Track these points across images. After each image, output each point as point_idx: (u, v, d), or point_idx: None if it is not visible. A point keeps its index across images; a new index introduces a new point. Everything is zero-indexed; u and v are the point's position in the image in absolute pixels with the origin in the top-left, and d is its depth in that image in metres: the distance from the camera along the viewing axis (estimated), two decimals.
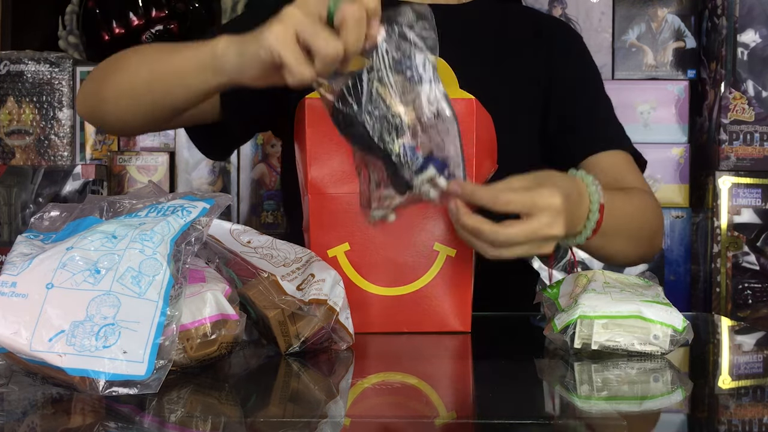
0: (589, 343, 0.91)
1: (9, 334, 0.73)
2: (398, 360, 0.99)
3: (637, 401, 0.80)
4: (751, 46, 1.79)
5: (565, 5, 1.91)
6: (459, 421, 0.72)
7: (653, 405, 0.79)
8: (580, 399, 0.80)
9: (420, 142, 0.91)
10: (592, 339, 0.91)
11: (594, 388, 0.84)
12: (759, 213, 1.79)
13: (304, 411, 0.74)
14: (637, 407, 0.78)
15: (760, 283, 1.80)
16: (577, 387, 0.85)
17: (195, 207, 0.81)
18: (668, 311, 0.92)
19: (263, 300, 0.88)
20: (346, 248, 1.04)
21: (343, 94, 0.89)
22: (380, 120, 0.89)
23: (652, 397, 0.82)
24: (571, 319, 0.92)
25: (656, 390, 0.85)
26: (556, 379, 0.88)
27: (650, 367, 0.89)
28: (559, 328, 0.93)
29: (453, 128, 0.91)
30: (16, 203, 1.77)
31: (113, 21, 1.94)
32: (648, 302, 0.93)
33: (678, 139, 1.88)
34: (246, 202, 1.91)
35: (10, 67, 1.88)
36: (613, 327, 0.92)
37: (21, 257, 0.77)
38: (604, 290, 0.95)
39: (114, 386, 0.71)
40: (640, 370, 0.89)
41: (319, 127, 1.04)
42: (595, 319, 0.91)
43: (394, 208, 0.95)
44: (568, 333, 0.92)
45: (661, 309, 0.92)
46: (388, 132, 0.90)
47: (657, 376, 0.89)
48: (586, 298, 0.94)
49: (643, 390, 0.84)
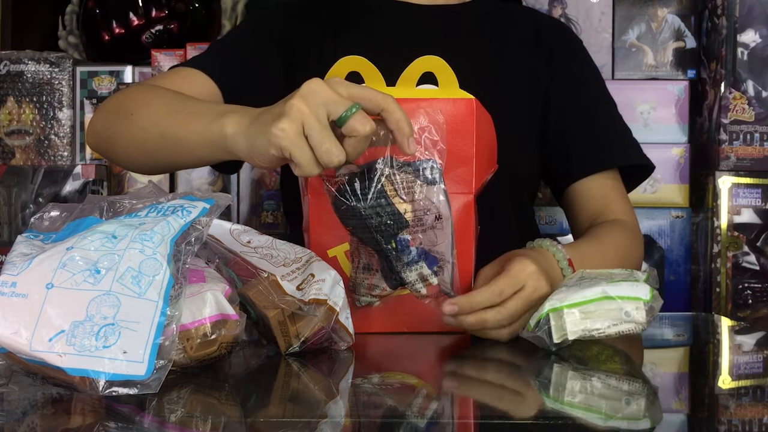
0: (566, 335, 0.93)
1: (9, 334, 0.73)
2: (398, 360, 0.99)
3: (637, 401, 0.80)
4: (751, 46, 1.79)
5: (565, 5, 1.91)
6: (459, 421, 0.72)
7: (653, 405, 0.79)
8: (580, 399, 0.80)
9: (415, 237, 0.94)
10: (567, 329, 0.93)
11: (593, 388, 0.84)
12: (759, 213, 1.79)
13: (304, 411, 0.74)
14: (637, 407, 0.77)
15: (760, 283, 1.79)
16: (576, 387, 0.85)
17: (195, 207, 0.81)
18: (634, 286, 0.94)
19: (263, 300, 0.88)
20: (346, 248, 1.04)
21: (347, 186, 0.91)
22: (382, 216, 0.92)
23: (651, 396, 0.82)
24: (541, 314, 0.94)
25: (656, 390, 0.85)
26: (554, 379, 0.88)
27: (650, 367, 0.89)
28: (532, 326, 0.94)
29: (448, 226, 0.94)
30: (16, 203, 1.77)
31: (113, 21, 1.93)
32: (614, 282, 0.95)
33: (678, 139, 1.88)
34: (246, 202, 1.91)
35: (10, 67, 1.88)
36: (586, 315, 0.93)
37: (21, 257, 0.77)
38: (576, 282, 0.98)
39: (114, 386, 0.71)
40: (640, 370, 0.89)
41: None
42: (564, 309, 0.93)
43: (382, 297, 0.99)
44: (541, 329, 0.94)
45: (626, 285, 0.94)
46: (389, 228, 0.92)
47: (657, 376, 0.89)
48: (556, 292, 0.96)
49: (642, 390, 0.84)
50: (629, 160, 1.34)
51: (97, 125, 1.19)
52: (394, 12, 1.33)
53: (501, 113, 1.14)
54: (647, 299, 0.93)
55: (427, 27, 1.31)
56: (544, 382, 0.88)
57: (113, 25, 1.94)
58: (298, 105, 0.86)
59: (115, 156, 1.18)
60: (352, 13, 1.32)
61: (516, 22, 1.37)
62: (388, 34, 1.29)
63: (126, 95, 1.18)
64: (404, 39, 1.28)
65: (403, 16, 1.32)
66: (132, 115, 1.12)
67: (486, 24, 1.35)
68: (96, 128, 1.20)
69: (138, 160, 1.14)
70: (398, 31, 1.30)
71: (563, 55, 1.36)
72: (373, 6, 1.33)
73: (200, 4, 1.98)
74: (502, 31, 1.35)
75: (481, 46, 1.32)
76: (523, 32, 1.36)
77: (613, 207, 1.30)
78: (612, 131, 1.35)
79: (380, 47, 1.21)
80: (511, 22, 1.37)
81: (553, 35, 1.37)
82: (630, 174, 1.35)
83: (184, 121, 1.03)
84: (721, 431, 0.70)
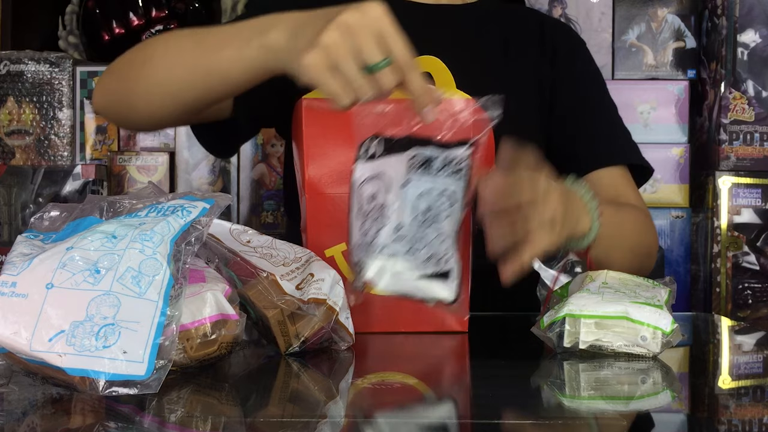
0: (577, 342, 0.92)
1: (9, 334, 0.73)
2: (398, 360, 0.99)
3: (636, 401, 0.80)
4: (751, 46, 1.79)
5: (565, 5, 1.91)
6: (459, 421, 0.72)
7: (652, 405, 0.79)
8: (579, 399, 0.80)
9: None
10: (580, 338, 0.91)
11: (593, 388, 0.84)
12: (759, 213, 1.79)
13: (304, 411, 0.74)
14: (636, 407, 0.77)
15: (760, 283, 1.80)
16: (576, 387, 0.85)
17: (195, 207, 0.81)
18: (657, 313, 0.91)
19: (262, 300, 0.88)
20: (344, 248, 1.04)
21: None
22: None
23: (651, 396, 0.82)
24: (557, 317, 0.92)
25: (655, 390, 0.85)
26: (554, 379, 0.88)
27: (649, 366, 0.89)
28: (545, 326, 0.93)
29: None
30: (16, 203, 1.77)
31: (113, 21, 1.94)
32: (638, 303, 0.92)
33: (678, 139, 1.88)
34: (246, 202, 1.91)
35: (10, 67, 1.88)
36: (601, 327, 0.92)
37: (21, 257, 0.77)
38: (598, 290, 0.95)
39: (114, 386, 0.71)
40: (639, 370, 0.89)
41: (316, 127, 1.04)
42: (582, 318, 0.91)
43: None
44: (553, 330, 0.92)
45: (650, 310, 0.91)
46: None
47: (656, 376, 0.89)
48: (577, 297, 0.94)
49: (642, 390, 0.84)
50: (633, 158, 1.34)
51: (108, 83, 1.15)
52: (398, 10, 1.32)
53: (505, 113, 1.14)
54: (667, 332, 0.91)
55: (432, 26, 1.31)
56: (545, 381, 0.88)
57: (113, 25, 1.94)
58: (335, 38, 0.86)
59: (131, 111, 1.13)
60: None
61: (519, 23, 1.37)
62: None
63: (137, 48, 1.13)
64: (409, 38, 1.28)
65: (407, 15, 1.32)
66: (152, 59, 1.08)
67: (490, 24, 1.35)
68: (107, 86, 1.15)
69: (161, 105, 1.09)
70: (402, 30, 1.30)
71: (567, 55, 1.36)
72: None
73: (200, 4, 1.98)
74: (505, 32, 1.35)
75: (485, 46, 1.32)
76: (527, 33, 1.36)
77: (625, 195, 1.29)
78: (616, 130, 1.35)
79: None
80: (515, 23, 1.37)
81: (556, 36, 1.37)
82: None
83: (214, 49, 1.00)
84: (721, 431, 0.70)
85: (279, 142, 1.90)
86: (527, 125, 1.30)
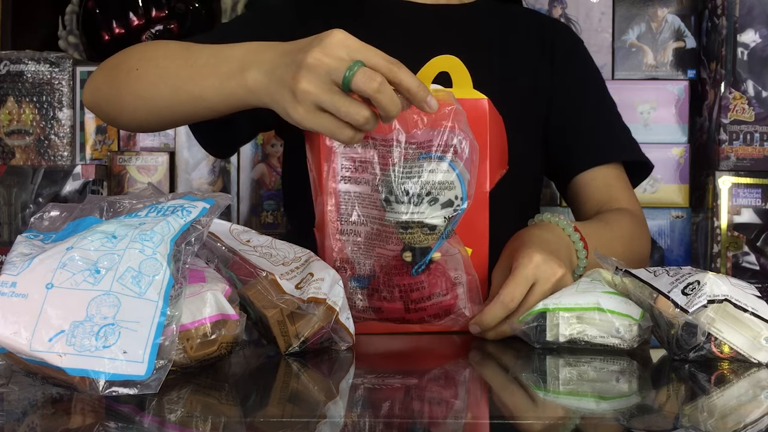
0: (557, 335, 0.94)
1: (9, 334, 0.73)
2: (398, 360, 0.99)
3: (636, 400, 0.80)
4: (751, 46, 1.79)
5: (565, 5, 1.91)
6: (459, 421, 0.72)
7: (652, 404, 0.79)
8: (579, 398, 0.80)
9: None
10: (560, 331, 0.94)
11: (593, 388, 0.84)
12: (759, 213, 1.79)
13: (304, 411, 0.74)
14: (635, 406, 0.78)
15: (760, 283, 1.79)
16: (575, 386, 0.85)
17: (195, 207, 0.81)
18: (627, 302, 0.93)
19: (262, 300, 0.88)
20: None
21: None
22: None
23: (650, 396, 0.82)
24: (533, 311, 0.95)
25: (655, 390, 0.85)
26: (554, 379, 0.88)
27: (649, 366, 0.89)
28: (520, 320, 0.96)
29: None
30: (16, 203, 1.77)
31: (113, 21, 1.93)
32: (609, 293, 0.94)
33: (678, 139, 1.88)
34: (246, 202, 1.91)
35: (10, 67, 1.88)
36: (579, 320, 0.94)
37: (21, 257, 0.77)
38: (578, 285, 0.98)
39: (114, 386, 0.71)
40: (639, 370, 0.89)
41: None
42: (559, 311, 0.93)
43: None
44: (530, 325, 0.95)
45: (620, 300, 0.94)
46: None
47: (656, 376, 0.89)
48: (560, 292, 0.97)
49: (641, 389, 0.84)
50: (632, 155, 1.34)
51: (98, 82, 1.15)
52: (399, 11, 1.33)
53: (504, 113, 1.14)
54: (637, 318, 0.93)
55: (432, 26, 1.31)
56: (544, 381, 0.88)
57: (113, 25, 1.94)
58: (304, 87, 0.87)
59: (118, 114, 1.14)
60: (357, 12, 1.32)
61: (518, 23, 1.37)
62: (393, 33, 1.29)
63: (128, 52, 1.14)
64: (409, 38, 1.28)
65: (408, 15, 1.32)
66: (137, 70, 1.08)
67: (489, 24, 1.35)
68: (97, 85, 1.15)
69: (146, 117, 1.10)
70: (403, 30, 1.30)
71: (565, 55, 1.36)
72: (378, 4, 1.33)
73: (200, 4, 1.98)
74: (504, 32, 1.35)
75: (485, 45, 1.32)
76: (526, 33, 1.36)
77: (618, 197, 1.30)
78: (615, 127, 1.36)
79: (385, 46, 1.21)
80: (514, 23, 1.37)
81: (555, 36, 1.37)
82: (630, 173, 1.36)
83: (197, 76, 1.01)
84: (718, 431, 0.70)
85: (279, 142, 1.90)
86: (526, 124, 1.30)
